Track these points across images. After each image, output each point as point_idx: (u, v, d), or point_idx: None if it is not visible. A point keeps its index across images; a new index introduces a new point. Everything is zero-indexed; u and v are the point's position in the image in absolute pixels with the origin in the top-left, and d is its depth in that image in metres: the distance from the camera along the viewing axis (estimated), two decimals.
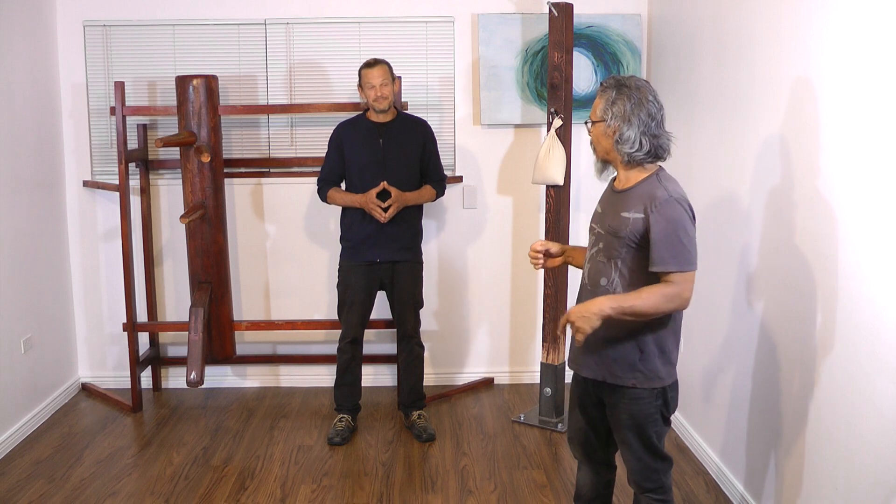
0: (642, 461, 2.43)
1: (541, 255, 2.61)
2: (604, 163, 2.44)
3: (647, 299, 2.22)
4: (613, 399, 2.41)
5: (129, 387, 4.25)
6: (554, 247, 2.61)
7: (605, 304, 2.23)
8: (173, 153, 4.33)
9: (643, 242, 2.28)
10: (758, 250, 3.01)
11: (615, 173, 2.46)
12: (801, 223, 2.65)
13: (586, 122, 2.43)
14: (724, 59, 3.30)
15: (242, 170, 4.41)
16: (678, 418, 3.87)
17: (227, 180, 4.34)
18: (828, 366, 2.50)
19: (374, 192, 3.70)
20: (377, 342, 4.56)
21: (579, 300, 2.47)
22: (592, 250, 2.43)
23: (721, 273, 3.32)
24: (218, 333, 4.16)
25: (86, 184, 4.42)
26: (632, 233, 2.29)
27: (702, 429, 3.63)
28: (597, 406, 2.52)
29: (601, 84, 2.38)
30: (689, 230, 2.26)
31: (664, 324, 2.36)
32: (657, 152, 2.32)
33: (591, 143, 2.43)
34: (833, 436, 2.48)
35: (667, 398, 2.40)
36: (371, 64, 3.71)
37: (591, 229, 2.48)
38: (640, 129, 2.29)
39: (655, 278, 2.27)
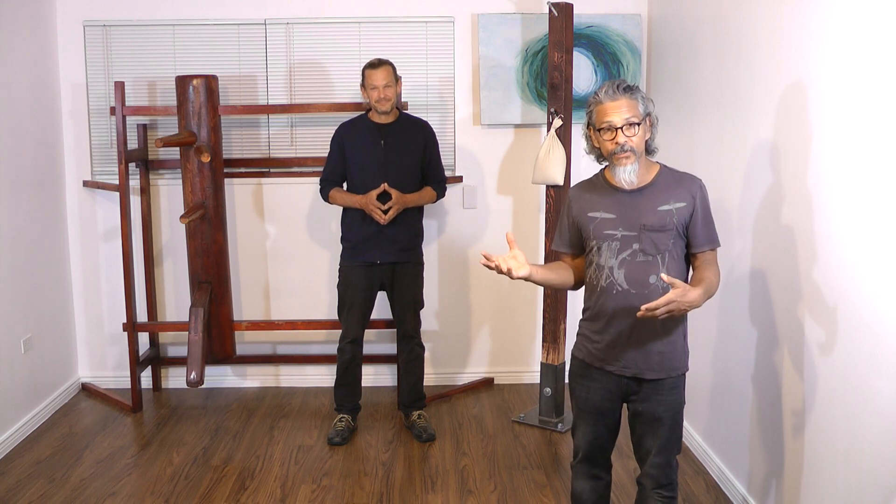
0: (667, 456, 2.45)
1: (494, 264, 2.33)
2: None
3: (716, 281, 2.35)
4: (649, 392, 2.43)
5: (129, 387, 4.25)
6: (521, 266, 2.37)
7: (699, 299, 2.23)
8: (173, 153, 4.33)
9: (685, 229, 2.39)
10: (758, 250, 3.01)
11: (592, 178, 2.51)
12: (802, 223, 2.65)
13: (624, 127, 2.31)
14: (724, 60, 3.30)
15: (242, 170, 4.41)
16: None
17: (227, 180, 4.34)
18: (828, 366, 2.50)
19: (374, 193, 3.70)
20: (377, 342, 4.56)
21: (617, 306, 2.39)
22: (623, 254, 2.38)
23: (722, 272, 3.31)
24: (218, 333, 4.16)
25: (86, 184, 4.42)
26: (679, 222, 2.37)
27: (703, 430, 3.63)
28: (617, 409, 2.52)
29: (625, 89, 2.32)
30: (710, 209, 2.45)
31: None
32: None
33: (634, 148, 2.33)
34: (833, 436, 2.48)
35: (684, 386, 2.50)
36: (375, 64, 3.71)
37: (608, 236, 2.40)
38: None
39: (687, 261, 2.43)
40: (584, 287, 2.56)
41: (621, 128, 2.33)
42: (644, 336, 2.40)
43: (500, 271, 2.33)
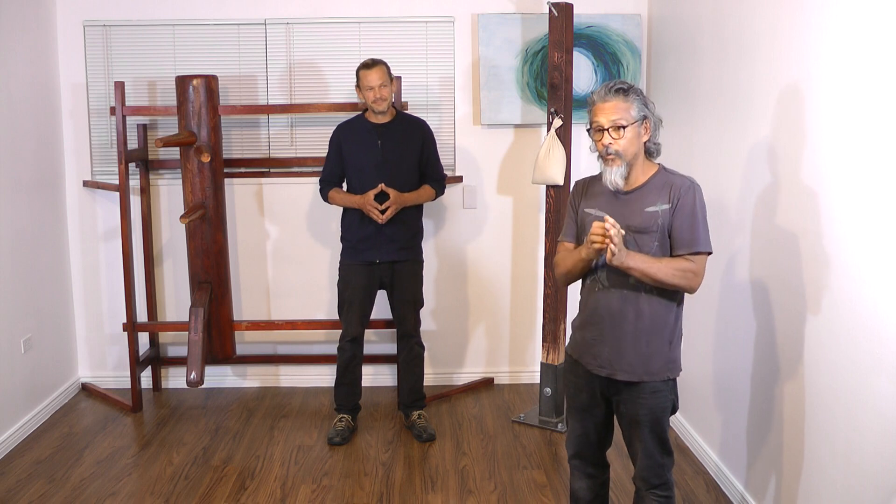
0: (653, 457, 2.45)
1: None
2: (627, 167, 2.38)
3: (664, 269, 2.30)
4: (630, 394, 2.42)
5: (129, 387, 4.25)
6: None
7: (636, 264, 2.28)
8: (173, 153, 4.33)
9: (670, 232, 2.36)
10: (757, 250, 3.01)
11: (597, 175, 2.46)
12: (801, 223, 2.65)
13: (611, 130, 2.33)
14: (724, 60, 3.30)
15: (242, 170, 4.41)
16: (678, 418, 3.87)
17: (227, 180, 4.34)
18: (827, 366, 2.50)
19: (371, 193, 3.70)
20: (378, 342, 4.56)
21: (598, 303, 2.43)
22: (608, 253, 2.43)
23: (720, 272, 3.32)
24: (218, 333, 4.16)
25: (86, 184, 4.42)
26: (662, 225, 2.35)
27: (701, 429, 3.63)
28: (602, 406, 2.53)
29: (616, 91, 2.33)
30: (705, 215, 2.37)
31: (681, 312, 2.44)
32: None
33: (619, 151, 2.33)
34: (833, 436, 2.48)
35: (676, 390, 2.47)
36: (369, 65, 3.71)
37: None
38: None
39: None
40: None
41: (608, 129, 2.34)
42: (620, 337, 2.40)
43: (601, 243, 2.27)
